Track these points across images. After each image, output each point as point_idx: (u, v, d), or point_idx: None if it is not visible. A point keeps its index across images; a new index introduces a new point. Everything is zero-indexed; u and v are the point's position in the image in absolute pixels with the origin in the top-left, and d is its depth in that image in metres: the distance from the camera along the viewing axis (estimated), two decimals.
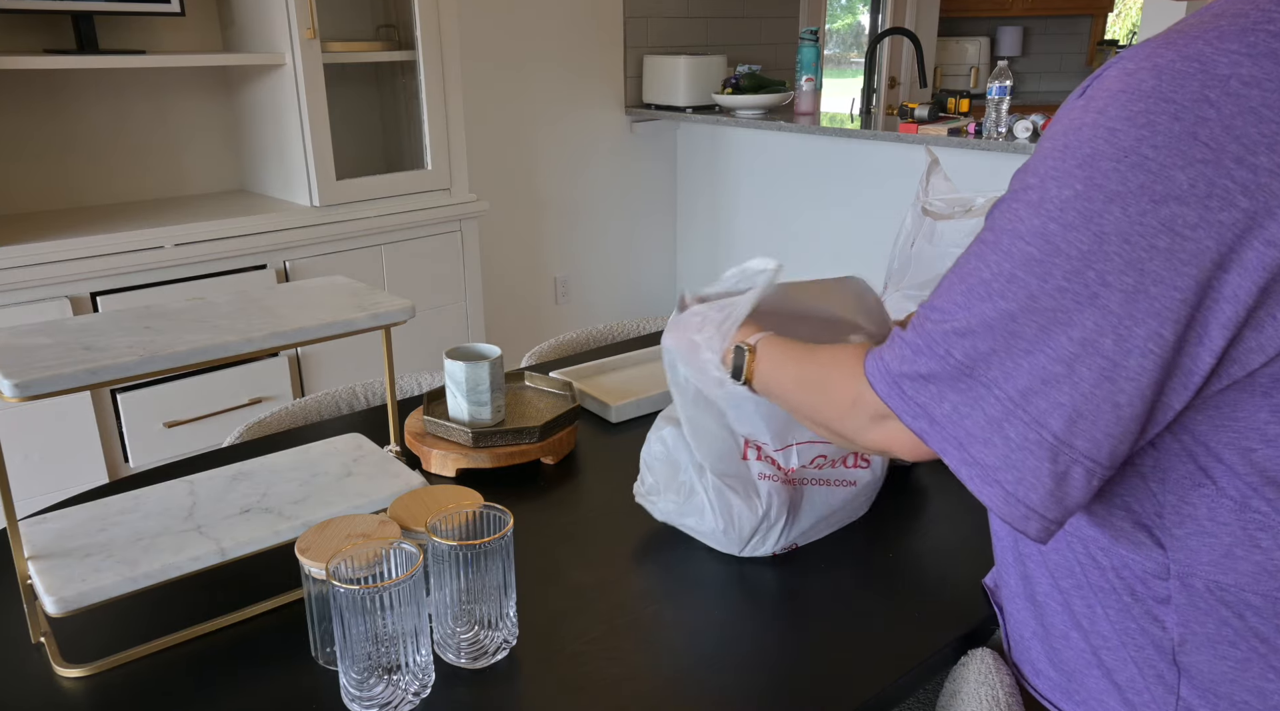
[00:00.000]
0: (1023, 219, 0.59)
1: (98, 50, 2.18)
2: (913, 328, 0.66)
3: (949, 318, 0.63)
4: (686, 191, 3.75)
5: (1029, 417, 0.59)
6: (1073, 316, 0.57)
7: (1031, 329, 0.58)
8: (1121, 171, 0.55)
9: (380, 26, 2.69)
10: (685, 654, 0.83)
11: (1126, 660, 0.70)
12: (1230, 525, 0.62)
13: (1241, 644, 0.64)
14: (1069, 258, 0.56)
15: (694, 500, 0.96)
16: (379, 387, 1.50)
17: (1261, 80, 0.52)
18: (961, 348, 0.62)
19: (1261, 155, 0.52)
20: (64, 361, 0.78)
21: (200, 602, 0.90)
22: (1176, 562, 0.65)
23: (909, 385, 0.65)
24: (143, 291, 2.10)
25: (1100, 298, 0.56)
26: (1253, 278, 0.53)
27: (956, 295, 0.62)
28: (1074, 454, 0.59)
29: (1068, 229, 0.56)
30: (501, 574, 0.81)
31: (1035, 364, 0.59)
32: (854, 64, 5.87)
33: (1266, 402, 0.58)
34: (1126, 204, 0.54)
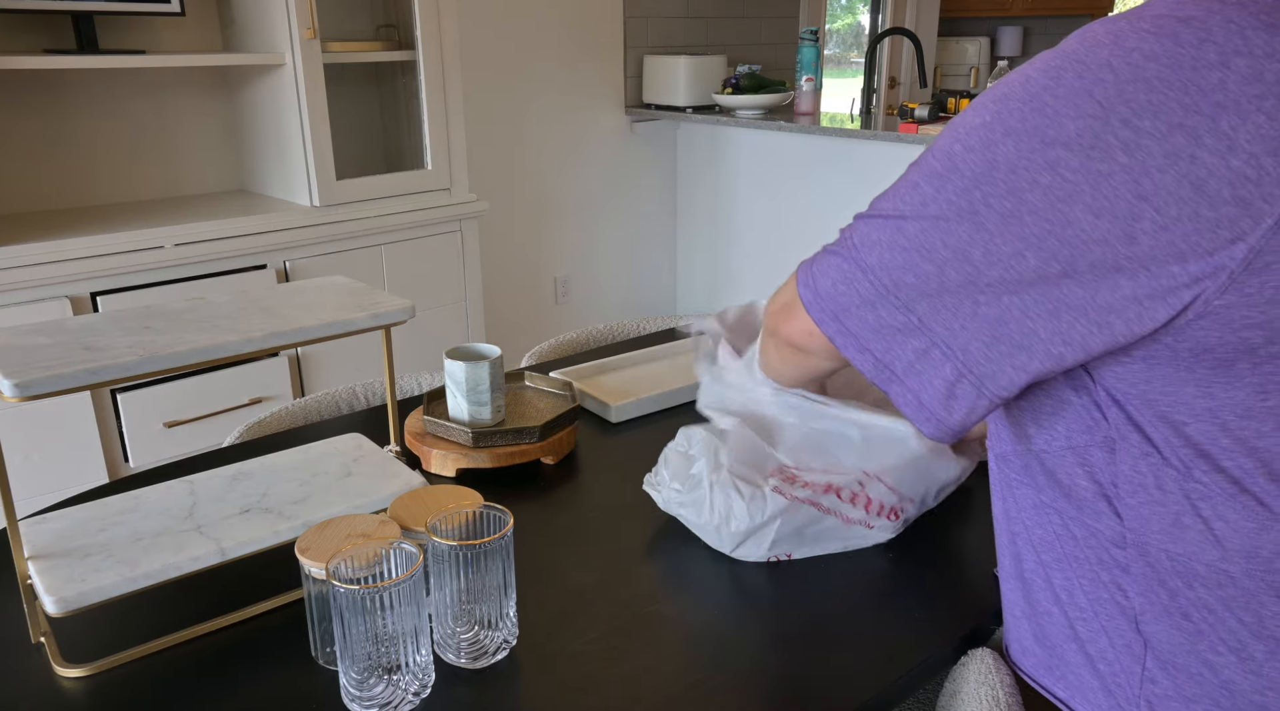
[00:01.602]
0: (939, 140, 0.67)
1: (98, 50, 2.18)
2: (840, 237, 0.75)
3: (859, 216, 0.72)
4: (686, 191, 3.75)
5: (900, 302, 0.68)
6: (951, 225, 0.65)
7: (914, 228, 0.67)
8: (1023, 112, 0.61)
9: (380, 26, 2.69)
10: (685, 654, 0.83)
11: (1099, 631, 0.73)
12: (1175, 494, 0.65)
13: (1194, 614, 0.67)
14: (962, 176, 0.64)
15: (697, 492, 0.96)
16: (379, 387, 1.50)
17: (1160, 56, 0.58)
18: (860, 233, 0.71)
19: (1146, 120, 0.57)
20: (64, 361, 0.78)
21: (200, 602, 0.90)
22: (1131, 532, 0.68)
23: (817, 264, 0.74)
24: (143, 291, 2.10)
25: (979, 215, 0.63)
26: (1121, 226, 0.59)
27: (880, 199, 0.71)
28: (934, 336, 0.67)
29: (968, 151, 0.64)
30: (501, 574, 0.81)
31: (909, 258, 0.67)
32: (854, 64, 5.87)
33: (1191, 377, 0.62)
34: (1020, 139, 0.61)
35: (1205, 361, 0.61)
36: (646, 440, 1.26)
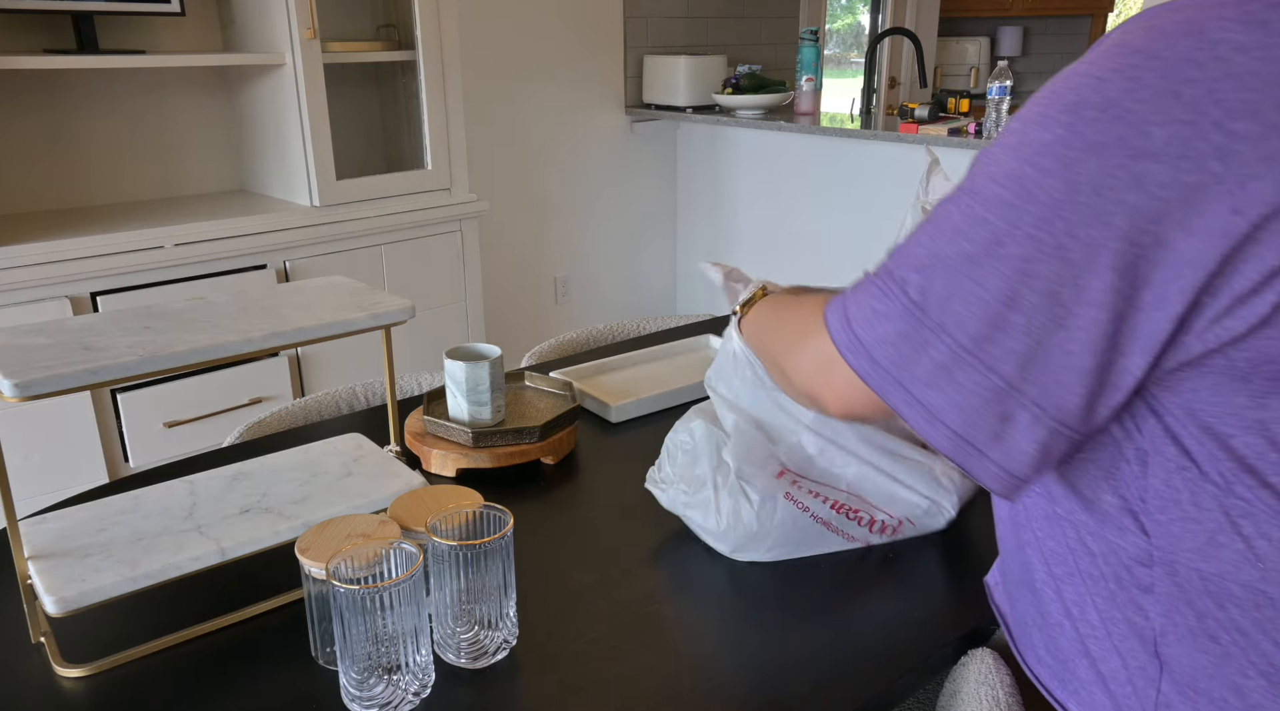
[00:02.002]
0: (999, 162, 0.59)
1: (98, 50, 2.18)
2: (877, 269, 0.66)
3: (910, 258, 0.63)
4: (686, 191, 3.75)
5: (981, 364, 0.59)
6: (1035, 266, 0.57)
7: (992, 275, 0.58)
8: (1103, 122, 0.54)
9: (380, 26, 2.69)
10: (685, 654, 0.83)
11: (1111, 650, 0.69)
12: (1213, 511, 0.61)
13: (1222, 636, 0.63)
14: (1040, 204, 0.56)
15: (702, 494, 0.96)
16: (379, 387, 1.50)
17: (1250, 47, 0.52)
18: (917, 286, 0.61)
19: (1239, 122, 0.51)
20: (64, 361, 0.78)
21: (200, 602, 0.90)
22: (1159, 549, 0.64)
23: (859, 321, 0.64)
24: (143, 291, 2.10)
25: (1065, 248, 0.56)
26: (1216, 244, 0.53)
27: (923, 236, 0.62)
28: (1023, 399, 0.59)
29: (1043, 174, 0.56)
30: (501, 574, 0.81)
31: (990, 310, 0.58)
32: (854, 64, 5.87)
33: (1245, 388, 0.57)
34: (1104, 155, 0.54)
35: (1265, 372, 0.56)
36: (646, 440, 1.26)
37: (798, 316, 0.77)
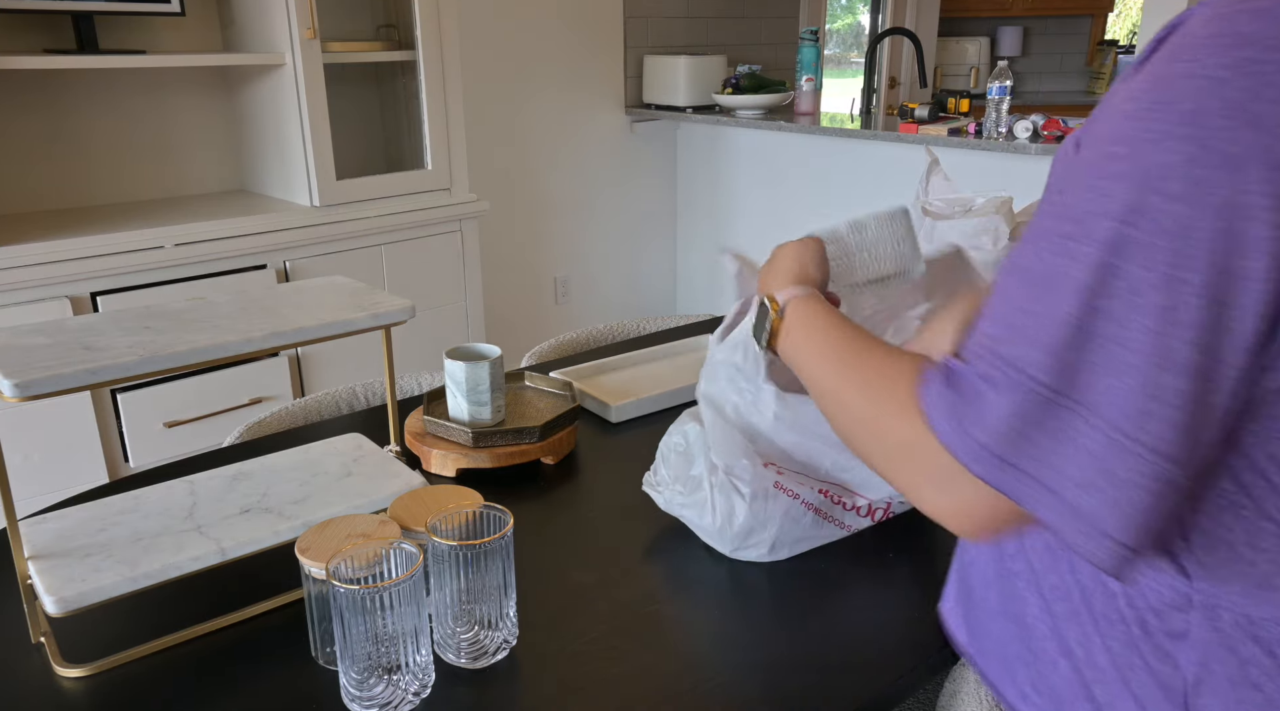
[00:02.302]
0: (1111, 193, 0.49)
1: (98, 50, 2.18)
2: (975, 352, 0.55)
3: (1019, 331, 0.52)
4: (686, 191, 3.75)
5: (1141, 445, 0.49)
6: (1183, 313, 0.47)
7: (1134, 331, 0.48)
8: (1234, 130, 0.46)
9: (380, 26, 2.69)
10: (685, 654, 0.83)
11: (1125, 697, 0.62)
12: (1270, 552, 0.54)
13: (1267, 685, 0.57)
14: (1177, 238, 0.47)
15: (698, 494, 0.97)
16: (379, 387, 1.50)
17: None
18: (1041, 363, 0.51)
19: None
20: (64, 361, 0.78)
21: (200, 602, 0.90)
22: (1201, 592, 0.57)
23: (977, 422, 0.54)
24: (143, 291, 2.10)
25: (1215, 288, 0.47)
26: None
27: (1023, 300, 0.52)
28: (1181, 476, 0.50)
29: (1174, 201, 0.47)
30: (501, 574, 0.81)
31: (1143, 377, 0.48)
32: (854, 64, 5.87)
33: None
34: (1242, 170, 0.46)
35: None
36: (646, 440, 1.26)
37: (883, 401, 0.63)
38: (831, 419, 0.70)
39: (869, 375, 0.66)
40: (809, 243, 0.87)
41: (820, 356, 0.73)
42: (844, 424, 0.68)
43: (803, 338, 0.76)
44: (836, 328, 0.74)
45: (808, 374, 0.74)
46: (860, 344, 0.70)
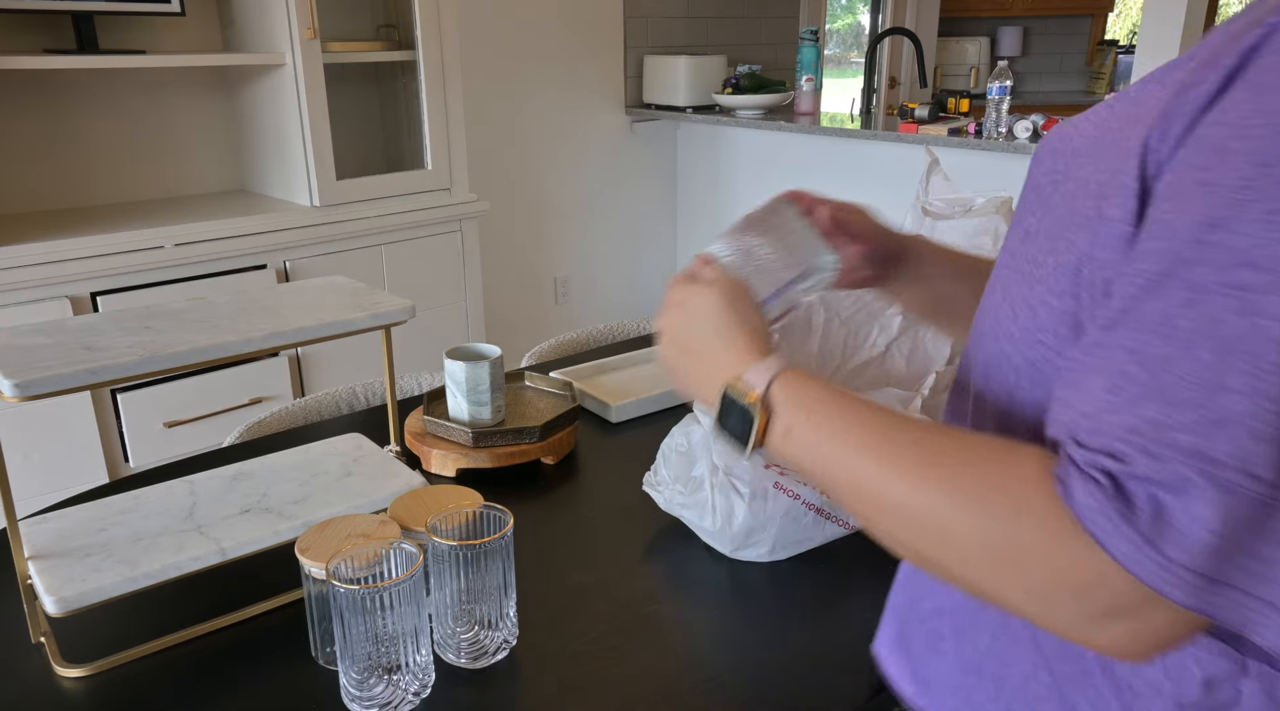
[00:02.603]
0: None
1: (98, 50, 2.18)
2: (1142, 446, 0.44)
3: (1214, 413, 0.42)
4: (686, 191, 3.75)
5: None
6: None
7: None
8: None
9: (380, 26, 2.69)
10: (685, 654, 0.83)
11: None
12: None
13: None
14: None
15: (699, 494, 0.97)
16: (379, 387, 1.50)
17: None
18: (1263, 460, 0.42)
19: None
20: (64, 361, 0.78)
21: (200, 602, 0.90)
22: (1257, 657, 0.51)
23: (1180, 545, 0.43)
24: (143, 291, 2.10)
25: None
26: None
27: (1201, 373, 0.43)
28: None
29: None
30: (501, 574, 0.81)
31: None
32: (854, 64, 5.87)
33: None
34: None
35: None
36: (646, 440, 1.26)
37: (980, 506, 0.50)
38: (895, 537, 0.54)
39: (955, 477, 0.51)
40: (725, 285, 0.67)
41: (857, 456, 0.55)
42: (925, 545, 0.52)
43: (815, 434, 0.57)
44: (859, 411, 0.57)
45: (838, 480, 0.56)
46: (912, 431, 0.54)
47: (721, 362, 0.64)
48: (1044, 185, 0.60)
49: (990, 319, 0.61)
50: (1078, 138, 0.58)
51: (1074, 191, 0.55)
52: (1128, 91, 0.58)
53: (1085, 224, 0.52)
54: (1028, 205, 0.62)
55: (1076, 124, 0.61)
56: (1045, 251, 0.56)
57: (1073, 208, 0.55)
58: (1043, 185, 0.60)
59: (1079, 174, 0.56)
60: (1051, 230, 0.56)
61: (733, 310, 0.66)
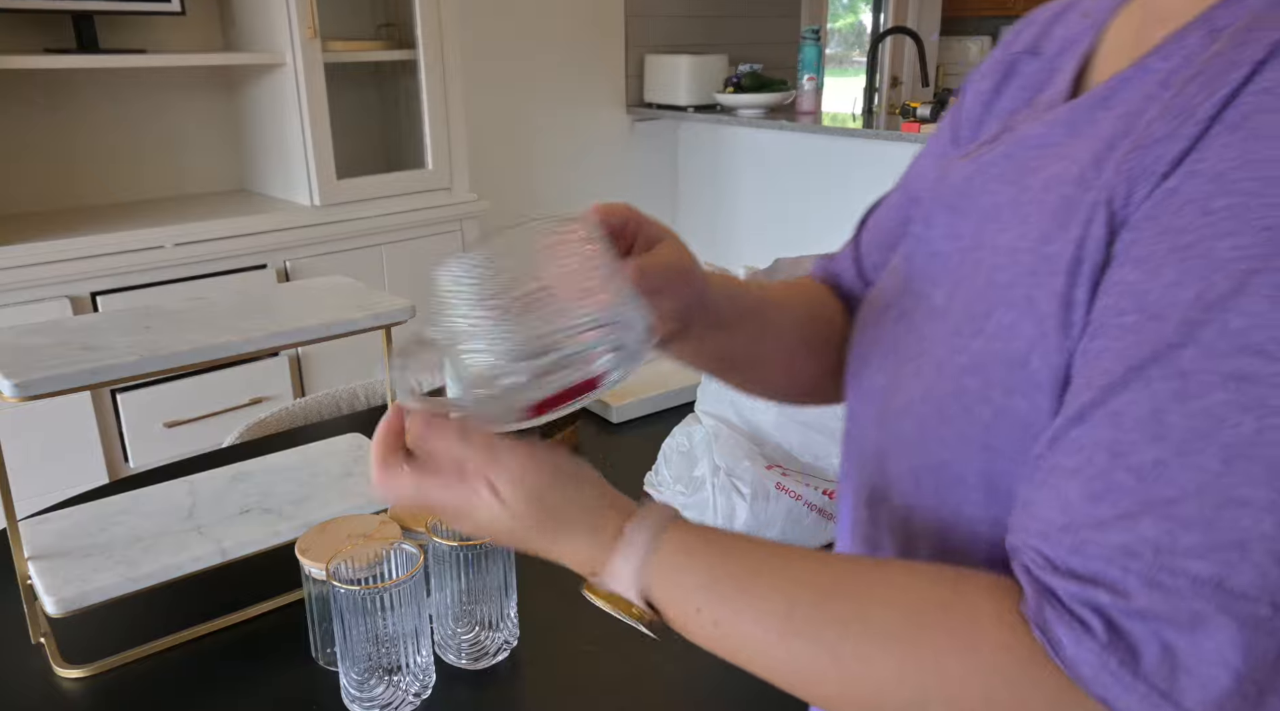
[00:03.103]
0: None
1: (98, 50, 2.18)
2: (1143, 575, 0.37)
3: (1228, 533, 0.36)
4: (688, 191, 3.75)
5: None
6: None
7: None
8: None
9: (381, 25, 2.69)
10: (686, 655, 0.82)
11: None
12: None
13: None
14: None
15: (700, 494, 0.96)
16: (379, 388, 1.50)
17: None
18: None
19: None
20: (64, 361, 0.78)
21: (200, 602, 0.89)
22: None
23: (1205, 701, 0.36)
24: (143, 291, 2.10)
25: None
26: None
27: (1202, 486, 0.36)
28: None
29: None
30: (502, 574, 0.81)
31: None
32: (856, 63, 5.86)
33: None
34: None
35: None
36: (647, 440, 1.25)
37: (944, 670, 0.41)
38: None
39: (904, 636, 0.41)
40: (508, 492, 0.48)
41: (783, 626, 0.45)
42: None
43: (727, 608, 0.46)
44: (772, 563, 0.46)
45: (766, 656, 0.47)
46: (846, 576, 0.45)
47: (574, 553, 0.50)
48: (947, 252, 0.53)
49: (914, 422, 0.50)
50: (984, 196, 0.52)
51: (995, 263, 0.48)
52: (1028, 138, 0.51)
53: (1024, 306, 0.45)
54: (927, 274, 0.54)
55: (971, 178, 0.54)
56: (967, 335, 0.48)
57: (993, 281, 0.48)
58: (945, 252, 0.53)
59: (996, 241, 0.49)
60: (970, 308, 0.49)
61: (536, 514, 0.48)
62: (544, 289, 0.45)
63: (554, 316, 0.44)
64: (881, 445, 0.54)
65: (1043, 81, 0.58)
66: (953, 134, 0.65)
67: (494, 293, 0.44)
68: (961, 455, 0.47)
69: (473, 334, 0.45)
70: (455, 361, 0.46)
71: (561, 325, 0.44)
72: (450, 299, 0.45)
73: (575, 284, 0.46)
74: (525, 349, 0.44)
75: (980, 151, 0.56)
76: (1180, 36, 0.45)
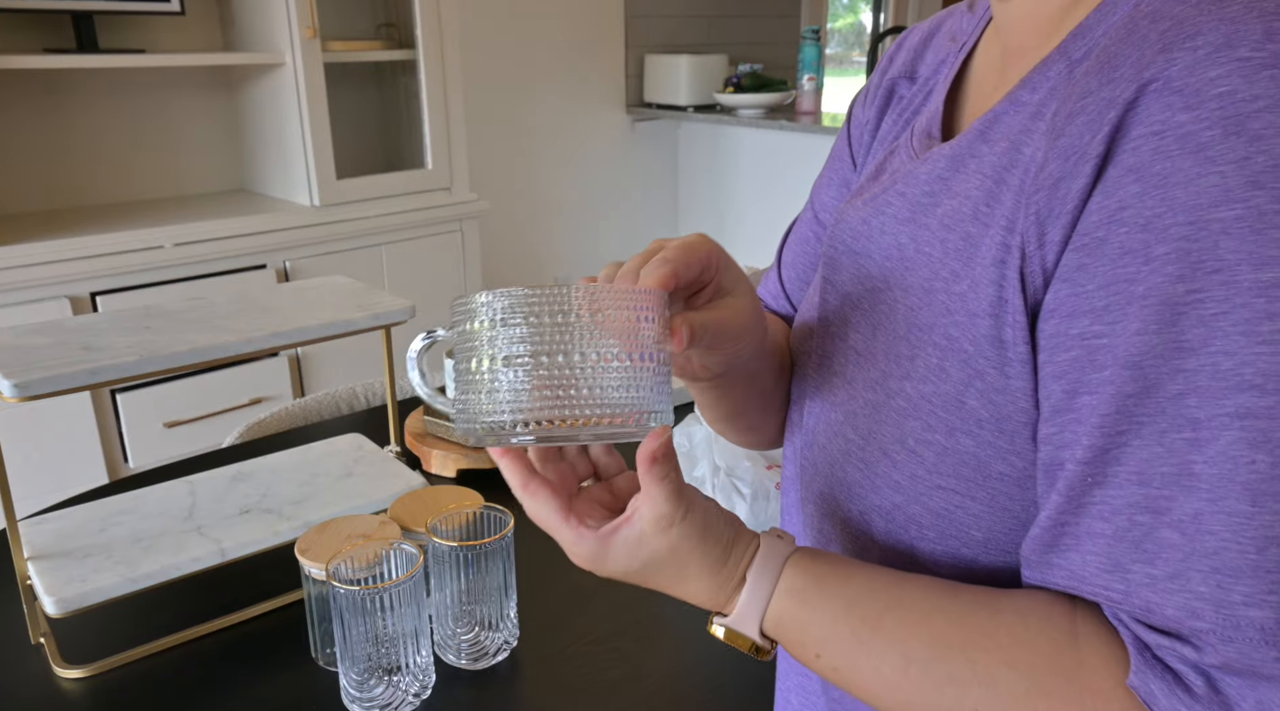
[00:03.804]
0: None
1: (98, 49, 2.18)
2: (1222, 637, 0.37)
3: (1274, 579, 0.36)
4: (688, 191, 3.75)
5: None
6: None
7: None
8: None
9: (380, 25, 2.69)
10: (686, 655, 0.82)
11: None
12: None
13: None
14: None
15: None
16: (379, 388, 1.50)
17: None
18: None
19: None
20: (64, 361, 0.78)
21: (200, 602, 0.89)
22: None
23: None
24: (143, 291, 2.10)
25: None
26: None
27: (1239, 531, 0.36)
28: None
29: None
30: (502, 575, 0.81)
31: None
32: (856, 63, 5.86)
33: None
34: None
35: None
36: None
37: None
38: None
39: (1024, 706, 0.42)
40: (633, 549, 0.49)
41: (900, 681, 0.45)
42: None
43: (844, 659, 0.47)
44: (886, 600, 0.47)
45: (884, 704, 0.47)
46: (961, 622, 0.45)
47: (698, 597, 0.51)
48: (857, 295, 0.53)
49: (860, 467, 0.51)
50: (884, 237, 0.52)
51: (909, 304, 0.49)
52: (916, 177, 0.52)
53: (945, 346, 0.46)
54: (841, 316, 0.54)
55: (868, 220, 0.54)
56: (896, 377, 0.48)
57: (912, 322, 0.48)
58: (855, 295, 0.54)
59: (905, 281, 0.49)
60: (893, 350, 0.49)
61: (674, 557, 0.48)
62: (570, 361, 0.44)
63: (573, 402, 0.44)
64: (829, 488, 0.54)
65: (919, 105, 0.60)
66: (852, 159, 0.67)
67: (525, 353, 0.44)
68: (912, 497, 0.48)
69: (493, 387, 0.45)
70: (468, 392, 0.46)
71: (580, 413, 0.44)
72: (484, 333, 0.45)
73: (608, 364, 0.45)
74: (538, 425, 0.45)
75: (871, 190, 0.56)
76: (1042, 69, 0.46)
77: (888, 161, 0.58)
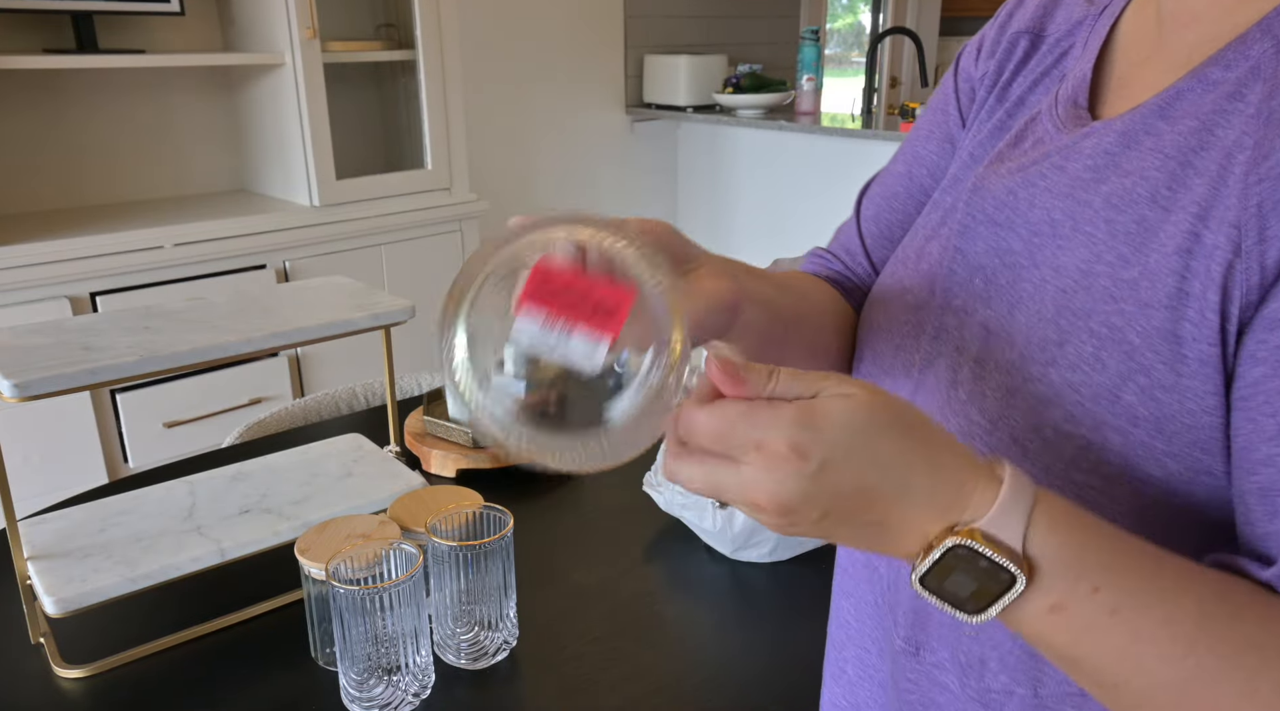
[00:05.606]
0: None
1: (97, 50, 2.18)
2: None
3: None
4: (687, 191, 3.75)
5: None
6: None
7: None
8: None
9: (380, 26, 2.69)
10: (685, 654, 0.82)
11: None
12: None
13: None
14: None
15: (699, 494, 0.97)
16: (379, 388, 1.50)
17: None
18: None
19: None
20: (64, 361, 0.78)
21: (200, 602, 0.89)
22: None
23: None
24: (143, 291, 2.10)
25: None
26: None
27: None
28: None
29: None
30: (501, 574, 0.81)
31: None
32: (855, 63, 5.86)
33: None
34: None
35: None
36: None
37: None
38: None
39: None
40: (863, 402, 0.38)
41: (1194, 635, 0.37)
42: None
43: (1107, 624, 0.38)
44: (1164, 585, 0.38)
45: (1156, 668, 0.37)
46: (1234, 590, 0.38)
47: (921, 506, 0.38)
48: (993, 267, 0.49)
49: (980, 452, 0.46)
50: (1033, 211, 0.49)
51: (1062, 285, 0.45)
52: (1078, 149, 0.48)
53: (1106, 336, 0.42)
54: (972, 290, 0.50)
55: (1014, 191, 0.50)
56: (1040, 362, 0.45)
57: (1065, 306, 0.44)
58: (991, 267, 0.50)
59: (1058, 261, 0.46)
60: (1038, 333, 0.45)
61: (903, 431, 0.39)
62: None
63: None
64: None
65: (1050, 67, 0.56)
66: (960, 114, 0.61)
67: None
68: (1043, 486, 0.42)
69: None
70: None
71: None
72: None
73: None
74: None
75: (1016, 159, 0.52)
76: (1239, 46, 0.42)
77: (1029, 128, 0.53)
